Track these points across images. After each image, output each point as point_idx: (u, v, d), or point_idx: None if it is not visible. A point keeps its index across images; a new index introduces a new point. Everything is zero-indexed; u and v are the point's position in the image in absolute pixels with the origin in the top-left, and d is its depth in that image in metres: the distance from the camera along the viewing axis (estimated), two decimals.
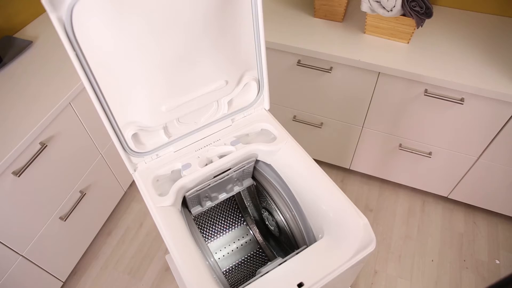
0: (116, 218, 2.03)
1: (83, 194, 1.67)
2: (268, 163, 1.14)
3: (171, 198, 1.00)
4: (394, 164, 1.92)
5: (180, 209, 1.03)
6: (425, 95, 1.51)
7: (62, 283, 1.71)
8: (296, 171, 1.07)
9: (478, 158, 1.69)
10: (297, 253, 0.97)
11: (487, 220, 1.96)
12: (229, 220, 1.58)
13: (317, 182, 1.03)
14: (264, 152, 1.12)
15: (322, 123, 1.89)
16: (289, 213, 1.15)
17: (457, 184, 1.86)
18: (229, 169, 1.12)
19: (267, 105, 1.20)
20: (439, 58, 1.52)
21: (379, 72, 1.54)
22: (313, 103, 1.82)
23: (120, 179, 1.94)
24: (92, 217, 1.80)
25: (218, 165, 1.07)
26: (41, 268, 1.56)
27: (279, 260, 1.01)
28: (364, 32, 1.64)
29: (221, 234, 1.56)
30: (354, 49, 1.57)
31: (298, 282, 0.89)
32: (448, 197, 1.95)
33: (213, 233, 1.55)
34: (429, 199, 2.06)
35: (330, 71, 1.62)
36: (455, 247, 1.87)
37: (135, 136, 1.02)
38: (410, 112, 1.64)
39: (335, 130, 1.90)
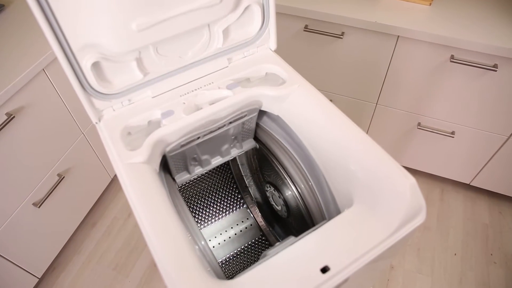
0: (102, 208, 1.70)
1: (61, 178, 1.39)
2: (276, 113, 0.80)
3: (145, 153, 0.67)
4: (411, 147, 1.61)
5: (157, 171, 0.71)
6: (451, 61, 1.23)
7: (38, 279, 1.42)
8: (314, 121, 0.74)
9: (508, 137, 1.39)
10: (315, 229, 0.64)
11: None
12: (226, 202, 1.24)
13: (343, 134, 0.71)
14: (270, 98, 0.78)
15: (331, 100, 1.58)
16: (305, 183, 0.82)
17: (481, 169, 1.54)
18: (225, 119, 0.78)
19: (273, 44, 0.87)
20: (466, 19, 1.25)
21: (398, 36, 1.27)
22: (321, 77, 1.52)
23: (106, 165, 1.63)
24: (73, 206, 1.51)
25: (210, 112, 0.73)
26: (11, 261, 1.29)
27: (292, 239, 0.68)
28: None
29: (216, 218, 1.22)
30: (369, 11, 1.29)
31: (322, 266, 0.57)
32: (470, 184, 1.63)
33: (206, 217, 1.21)
34: (448, 187, 1.73)
35: (341, 36, 1.33)
36: (480, 239, 1.55)
37: (97, 67, 0.69)
38: (433, 83, 1.35)
39: (345, 109, 1.59)
